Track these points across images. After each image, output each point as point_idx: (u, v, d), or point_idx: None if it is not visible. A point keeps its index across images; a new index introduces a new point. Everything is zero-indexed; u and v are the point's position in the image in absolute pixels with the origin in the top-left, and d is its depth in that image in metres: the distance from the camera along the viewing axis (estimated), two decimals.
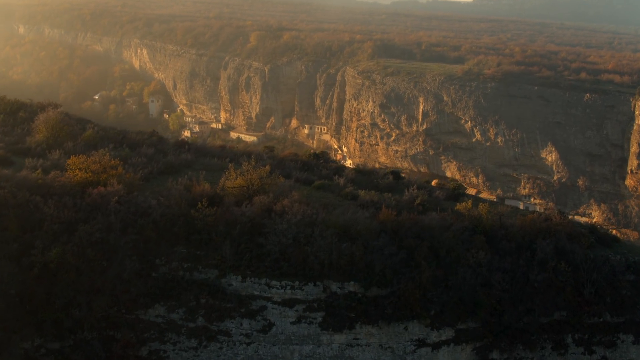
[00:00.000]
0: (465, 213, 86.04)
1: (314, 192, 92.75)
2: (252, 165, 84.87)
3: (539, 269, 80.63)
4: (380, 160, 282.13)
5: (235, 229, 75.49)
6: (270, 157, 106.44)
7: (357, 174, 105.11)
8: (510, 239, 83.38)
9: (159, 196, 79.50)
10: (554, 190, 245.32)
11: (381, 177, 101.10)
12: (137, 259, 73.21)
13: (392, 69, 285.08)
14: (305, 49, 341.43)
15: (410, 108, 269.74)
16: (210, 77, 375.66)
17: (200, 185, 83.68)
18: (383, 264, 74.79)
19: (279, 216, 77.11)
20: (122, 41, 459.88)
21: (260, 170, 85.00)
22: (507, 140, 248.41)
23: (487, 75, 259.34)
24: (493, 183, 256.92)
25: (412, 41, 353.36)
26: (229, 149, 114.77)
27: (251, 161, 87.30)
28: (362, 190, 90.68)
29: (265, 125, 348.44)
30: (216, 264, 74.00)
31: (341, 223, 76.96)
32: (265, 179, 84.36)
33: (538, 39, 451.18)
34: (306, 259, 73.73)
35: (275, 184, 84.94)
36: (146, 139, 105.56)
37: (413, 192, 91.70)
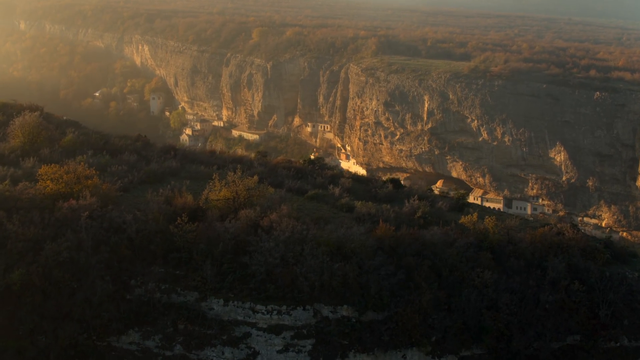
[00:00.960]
0: (470, 227, 79.40)
1: (307, 202, 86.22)
2: (238, 176, 78.00)
3: (551, 289, 73.93)
4: (385, 159, 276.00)
5: (217, 247, 69.09)
6: (261, 164, 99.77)
7: (355, 182, 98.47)
8: (519, 255, 76.73)
9: (136, 210, 72.95)
10: (562, 191, 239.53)
11: (380, 186, 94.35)
12: (109, 280, 66.97)
13: (397, 66, 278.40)
14: (308, 45, 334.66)
15: (415, 106, 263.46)
16: (212, 74, 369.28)
17: (183, 196, 77.13)
18: (379, 285, 68.30)
19: (266, 233, 70.59)
20: (124, 37, 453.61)
21: (248, 180, 78.37)
22: (515, 139, 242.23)
23: (494, 73, 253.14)
24: (500, 183, 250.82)
25: (417, 37, 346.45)
26: (219, 155, 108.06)
27: (237, 171, 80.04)
28: (359, 202, 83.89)
29: (267, 123, 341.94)
30: (196, 286, 67.58)
31: (334, 240, 70.39)
32: (253, 190, 77.79)
33: (546, 34, 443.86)
34: (295, 280, 67.18)
35: (264, 195, 78.33)
36: (129, 145, 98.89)
37: (414, 203, 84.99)
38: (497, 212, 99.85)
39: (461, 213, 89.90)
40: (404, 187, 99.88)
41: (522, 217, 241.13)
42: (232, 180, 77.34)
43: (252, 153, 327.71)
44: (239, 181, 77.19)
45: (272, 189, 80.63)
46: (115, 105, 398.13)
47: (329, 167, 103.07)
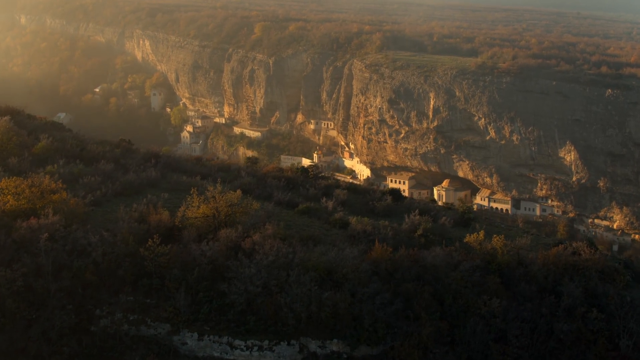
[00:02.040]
0: (477, 247, 71.76)
1: (298, 217, 78.82)
2: (218, 190, 70.40)
3: (566, 317, 66.35)
4: (389, 158, 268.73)
5: (192, 272, 61.70)
6: (250, 173, 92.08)
7: (351, 193, 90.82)
8: (531, 279, 69.21)
9: (103, 230, 65.42)
10: (572, 191, 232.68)
11: (377, 199, 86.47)
12: (71, 310, 59.80)
13: (402, 62, 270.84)
14: (312, 40, 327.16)
15: (420, 104, 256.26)
16: (213, 69, 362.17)
17: (158, 213, 69.69)
18: (374, 316, 60.84)
19: (247, 256, 63.08)
20: (125, 32, 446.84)
21: (230, 195, 70.81)
22: (523, 138, 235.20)
23: (502, 69, 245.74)
24: (508, 184, 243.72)
25: (423, 32, 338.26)
26: (206, 162, 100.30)
27: (217, 185, 72.41)
28: (354, 217, 76.18)
29: (269, 120, 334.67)
30: (168, 317, 60.19)
31: (324, 264, 62.94)
32: (236, 207, 70.20)
33: (554, 29, 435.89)
34: (278, 311, 59.70)
35: (248, 212, 70.74)
36: (107, 152, 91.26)
37: (414, 218, 77.28)
38: (505, 226, 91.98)
39: (467, 228, 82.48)
40: (405, 198, 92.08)
41: (530, 220, 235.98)
42: (211, 196, 69.67)
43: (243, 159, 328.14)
44: (219, 197, 69.63)
45: (257, 204, 72.82)
46: (115, 102, 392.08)
47: (323, 177, 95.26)
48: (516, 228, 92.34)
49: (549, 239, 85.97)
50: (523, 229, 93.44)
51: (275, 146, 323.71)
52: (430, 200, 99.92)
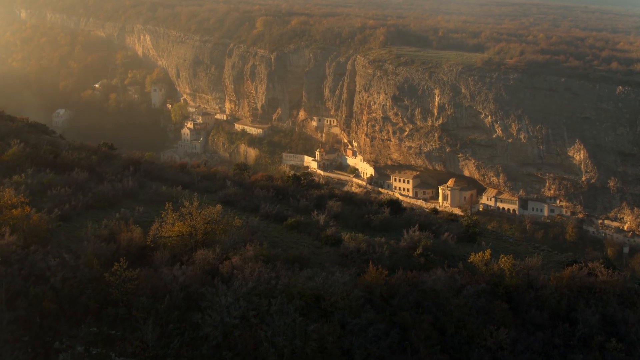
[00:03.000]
0: (482, 268, 64.71)
1: (286, 233, 71.87)
2: (195, 206, 63.43)
3: (581, 347, 59.38)
4: (393, 156, 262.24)
5: (163, 301, 54.59)
6: (237, 182, 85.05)
7: (345, 204, 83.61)
8: (542, 304, 62.16)
9: (64, 252, 58.56)
10: (582, 192, 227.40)
11: (374, 211, 79.23)
12: (27, 343, 52.75)
13: (406, 58, 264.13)
14: (314, 35, 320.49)
15: (425, 101, 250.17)
16: (214, 65, 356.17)
17: (130, 230, 62.88)
18: (366, 350, 53.83)
19: (225, 282, 56.09)
20: (125, 26, 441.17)
21: (209, 211, 63.83)
22: (531, 136, 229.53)
23: (509, 66, 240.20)
24: (515, 183, 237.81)
25: (428, 27, 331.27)
26: (191, 169, 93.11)
27: (194, 199, 65.42)
28: (347, 233, 69.15)
29: (271, 117, 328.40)
30: (135, 352, 53.08)
31: (310, 291, 55.89)
32: (215, 224, 63.30)
33: (562, 23, 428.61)
34: (258, 346, 52.64)
35: (229, 229, 63.83)
36: (83, 159, 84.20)
37: (413, 235, 70.25)
38: (514, 241, 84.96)
39: (472, 244, 75.53)
40: (404, 209, 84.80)
41: (538, 221, 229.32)
42: (187, 212, 62.73)
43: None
44: (196, 213, 62.72)
45: (239, 220, 65.68)
46: (115, 97, 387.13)
47: (316, 186, 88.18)
48: (526, 243, 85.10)
49: (561, 255, 78.94)
50: (533, 244, 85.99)
51: (277, 143, 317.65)
52: (432, 210, 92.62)
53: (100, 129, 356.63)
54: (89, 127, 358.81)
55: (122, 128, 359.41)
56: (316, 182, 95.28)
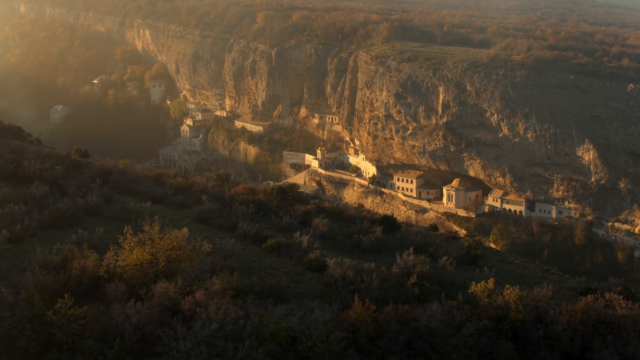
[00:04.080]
0: (484, 300, 56.89)
1: (264, 256, 64.11)
2: (156, 230, 55.56)
3: None
4: (396, 156, 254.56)
5: (113, 344, 46.88)
6: (215, 196, 77.09)
7: (333, 221, 75.69)
8: (553, 343, 54.48)
9: (2, 286, 50.88)
10: (591, 193, 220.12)
11: (365, 230, 71.10)
12: None
13: (409, 54, 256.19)
14: (316, 30, 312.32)
15: (428, 98, 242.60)
16: (214, 60, 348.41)
17: (84, 256, 55.21)
18: None
19: (187, 322, 48.35)
20: (125, 21, 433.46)
21: (174, 235, 56.01)
22: (539, 135, 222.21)
23: (516, 62, 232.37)
24: (522, 184, 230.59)
25: (433, 22, 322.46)
26: (167, 180, 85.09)
27: (154, 222, 57.40)
28: (333, 258, 61.14)
29: (272, 114, 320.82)
30: None
31: (285, 332, 48.12)
32: (181, 250, 55.51)
33: (570, 17, 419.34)
34: None
35: (197, 256, 56.07)
36: (47, 169, 76.35)
37: (407, 259, 62.37)
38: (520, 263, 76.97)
39: (473, 268, 67.71)
40: (399, 227, 76.65)
41: (545, 223, 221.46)
42: (147, 238, 54.92)
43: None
44: (158, 238, 54.97)
45: (209, 245, 57.77)
46: (114, 94, 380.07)
47: (302, 200, 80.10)
48: (533, 265, 77.00)
49: (573, 281, 70.83)
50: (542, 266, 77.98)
51: (278, 141, 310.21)
52: (430, 227, 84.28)
53: (99, 126, 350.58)
54: (86, 123, 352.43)
55: (120, 125, 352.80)
56: (304, 195, 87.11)
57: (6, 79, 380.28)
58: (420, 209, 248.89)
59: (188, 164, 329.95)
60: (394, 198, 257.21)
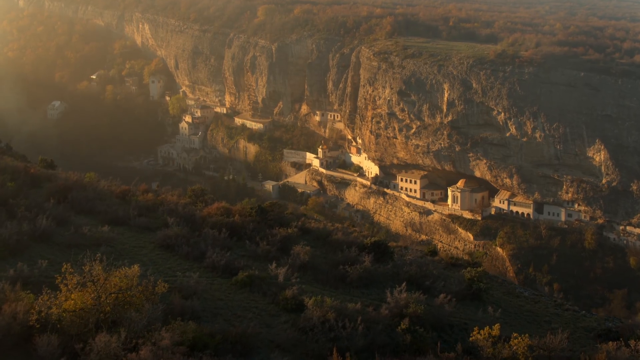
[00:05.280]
0: (488, 350, 48.17)
1: (234, 292, 55.40)
2: (99, 270, 46.78)
3: None
4: (399, 155, 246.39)
5: None
6: (184, 217, 68.11)
7: (318, 246, 66.78)
8: None
9: None
10: (602, 195, 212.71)
11: (352, 259, 62.12)
12: None
13: (413, 50, 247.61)
14: (317, 24, 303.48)
15: (433, 96, 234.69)
16: (214, 55, 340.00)
17: (18, 299, 46.58)
18: None
19: None
20: (124, 15, 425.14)
21: (122, 273, 47.37)
22: (547, 135, 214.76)
23: (524, 59, 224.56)
24: (530, 185, 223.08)
25: (438, 16, 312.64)
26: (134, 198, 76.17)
27: (96, 257, 48.42)
28: (313, 298, 52.35)
29: (272, 111, 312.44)
30: None
31: None
32: (130, 292, 46.91)
33: (578, 11, 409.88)
34: None
35: (151, 298, 47.50)
36: None
37: (399, 297, 53.66)
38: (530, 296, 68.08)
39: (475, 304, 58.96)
40: (392, 254, 67.65)
41: (554, 226, 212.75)
42: (89, 279, 46.21)
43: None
44: (103, 277, 46.34)
45: (165, 285, 49.07)
46: (112, 89, 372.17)
47: (284, 221, 70.98)
48: (545, 299, 68.10)
49: (590, 318, 62.04)
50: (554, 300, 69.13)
51: (278, 139, 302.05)
52: (429, 251, 75.35)
53: (96, 122, 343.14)
54: (84, 120, 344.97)
55: (118, 121, 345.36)
56: (288, 215, 78.19)
57: (3, 74, 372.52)
58: (424, 211, 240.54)
59: (187, 162, 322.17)
60: (397, 199, 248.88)
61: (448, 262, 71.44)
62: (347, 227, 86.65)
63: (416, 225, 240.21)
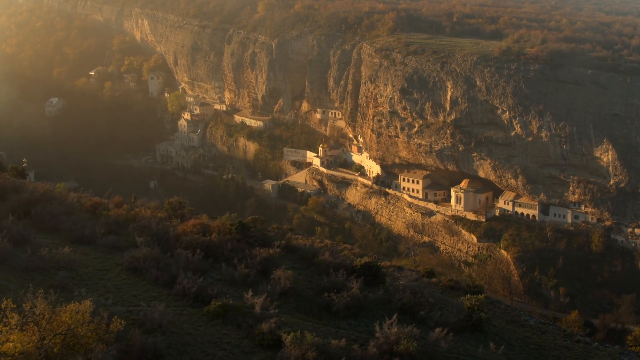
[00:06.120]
0: None
1: (206, 325, 49.48)
2: (43, 308, 40.91)
3: None
4: (401, 154, 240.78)
5: None
6: (157, 235, 62.02)
7: (302, 269, 60.72)
8: None
9: None
10: (609, 197, 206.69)
11: (340, 285, 55.73)
12: None
13: (416, 47, 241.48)
14: (318, 20, 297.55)
15: (436, 94, 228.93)
16: (214, 51, 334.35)
17: None
18: None
19: None
20: (123, 10, 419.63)
21: (73, 308, 41.54)
22: (554, 135, 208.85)
23: (529, 56, 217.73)
24: (535, 186, 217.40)
25: (442, 11, 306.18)
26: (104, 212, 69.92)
27: (37, 297, 42.49)
28: (292, 333, 46.37)
29: (272, 108, 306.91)
30: None
31: None
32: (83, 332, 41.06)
33: (584, 6, 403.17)
34: None
35: (106, 338, 41.65)
36: None
37: (389, 332, 47.65)
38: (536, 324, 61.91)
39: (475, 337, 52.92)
40: (383, 278, 61.34)
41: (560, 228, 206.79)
42: (32, 319, 40.34)
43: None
44: (48, 315, 40.50)
45: (122, 322, 43.20)
46: (110, 86, 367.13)
47: (267, 239, 64.68)
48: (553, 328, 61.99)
49: (603, 351, 55.84)
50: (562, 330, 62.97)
51: (278, 137, 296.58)
52: (425, 272, 69.17)
53: (94, 120, 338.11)
54: (82, 117, 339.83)
55: (116, 119, 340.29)
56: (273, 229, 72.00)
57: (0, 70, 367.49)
58: (426, 212, 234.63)
59: (185, 160, 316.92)
60: (399, 199, 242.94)
61: (446, 285, 65.38)
62: (337, 243, 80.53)
63: (418, 226, 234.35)
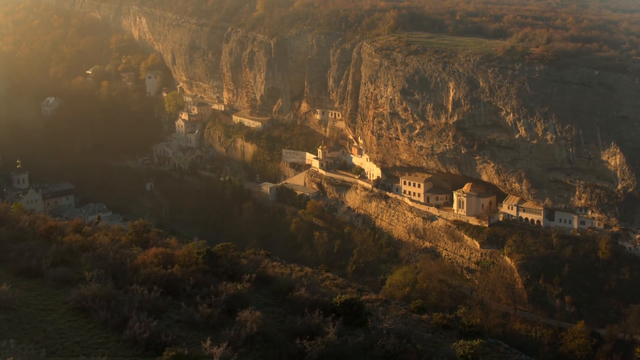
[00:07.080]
0: None
1: None
2: None
3: None
4: (402, 157, 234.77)
5: None
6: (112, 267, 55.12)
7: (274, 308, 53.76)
8: None
9: None
10: (617, 202, 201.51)
11: (315, 328, 48.46)
12: None
13: (417, 46, 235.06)
14: (318, 19, 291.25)
15: (437, 95, 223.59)
16: (212, 50, 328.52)
17: None
18: None
19: None
20: (121, 8, 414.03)
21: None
22: (559, 137, 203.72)
23: (534, 55, 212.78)
24: (540, 191, 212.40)
25: (445, 9, 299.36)
26: (59, 238, 62.98)
27: None
28: None
29: (271, 109, 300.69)
30: None
31: None
32: None
33: (591, 3, 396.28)
34: None
35: None
36: None
37: None
38: None
39: None
40: (366, 317, 54.04)
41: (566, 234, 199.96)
42: None
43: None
44: None
45: None
46: (107, 85, 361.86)
47: (237, 270, 57.47)
48: None
49: None
50: None
51: (277, 138, 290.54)
52: (415, 308, 61.95)
53: (91, 119, 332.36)
54: (78, 117, 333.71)
55: (113, 118, 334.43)
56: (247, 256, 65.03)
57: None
58: (428, 216, 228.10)
59: (182, 161, 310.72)
60: (400, 203, 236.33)
61: (438, 324, 58.37)
62: (319, 271, 73.21)
63: (419, 231, 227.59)
